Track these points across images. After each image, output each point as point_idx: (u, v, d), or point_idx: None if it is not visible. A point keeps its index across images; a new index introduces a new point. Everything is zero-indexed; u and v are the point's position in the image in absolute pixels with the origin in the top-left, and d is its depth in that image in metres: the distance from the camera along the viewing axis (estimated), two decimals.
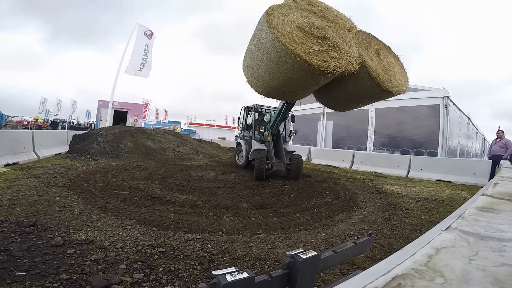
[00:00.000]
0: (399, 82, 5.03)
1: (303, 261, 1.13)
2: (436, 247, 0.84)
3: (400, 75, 5.16)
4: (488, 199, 1.72)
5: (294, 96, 5.09)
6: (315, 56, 3.94)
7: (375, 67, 4.71)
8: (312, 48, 4.01)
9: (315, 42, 4.16)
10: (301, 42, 3.97)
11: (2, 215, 3.13)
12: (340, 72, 4.04)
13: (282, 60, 3.96)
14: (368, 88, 4.79)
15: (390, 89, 4.75)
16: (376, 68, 4.71)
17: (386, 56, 5.20)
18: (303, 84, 4.38)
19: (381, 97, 5.10)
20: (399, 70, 5.24)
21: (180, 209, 3.99)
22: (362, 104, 5.41)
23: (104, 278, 2.08)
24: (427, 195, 6.20)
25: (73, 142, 9.91)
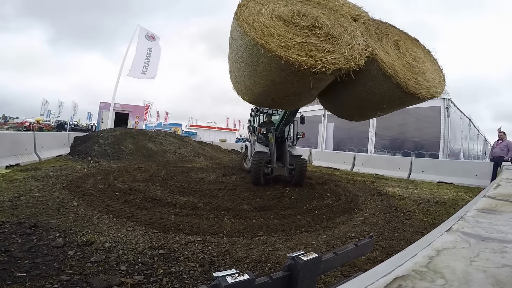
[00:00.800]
0: (430, 82, 3.84)
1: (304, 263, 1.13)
2: (437, 249, 0.84)
3: (432, 73, 3.98)
4: (489, 200, 1.72)
5: (289, 104, 4.30)
6: (296, 50, 3.07)
7: (391, 62, 3.60)
8: (292, 40, 3.15)
9: (298, 32, 3.29)
10: (277, 34, 3.16)
11: (3, 216, 3.13)
12: (335, 70, 3.10)
13: (256, 59, 3.23)
14: (385, 91, 3.65)
15: (417, 91, 3.56)
16: (394, 64, 3.60)
17: (410, 50, 4.05)
18: (292, 89, 3.53)
19: (405, 103, 3.93)
20: (430, 67, 4.05)
21: (181, 211, 3.99)
22: (382, 112, 4.22)
23: (104, 279, 2.07)
24: (428, 197, 6.18)
25: (74, 144, 9.94)
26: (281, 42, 3.06)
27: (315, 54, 3.10)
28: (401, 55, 3.86)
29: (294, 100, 3.97)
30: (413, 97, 3.60)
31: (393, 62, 3.63)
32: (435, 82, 3.89)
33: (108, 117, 16.89)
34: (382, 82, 3.58)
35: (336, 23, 3.62)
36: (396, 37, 4.07)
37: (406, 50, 3.98)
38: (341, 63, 3.13)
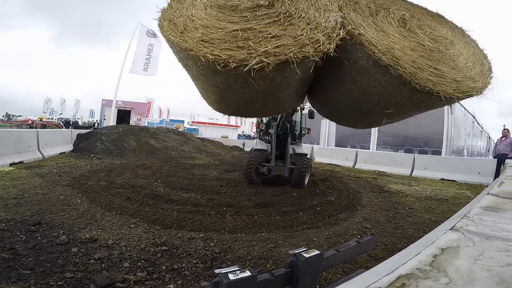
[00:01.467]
0: (463, 72, 2.56)
1: (306, 260, 1.13)
2: (441, 247, 0.83)
3: (467, 59, 2.70)
4: (493, 198, 1.71)
5: (258, 112, 3.64)
6: (223, 43, 2.22)
7: (388, 45, 2.44)
8: (221, 30, 2.32)
9: (235, 18, 2.44)
10: (204, 26, 2.37)
11: (7, 214, 3.16)
12: (281, 63, 2.09)
13: (185, 63, 2.58)
14: (386, 88, 2.50)
15: (436, 88, 2.30)
16: (393, 48, 2.43)
17: (426, 27, 2.82)
18: (248, 95, 2.65)
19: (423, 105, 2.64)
20: (464, 50, 2.78)
21: (183, 207, 4.00)
22: (390, 118, 2.92)
23: (108, 276, 2.09)
24: (431, 194, 6.16)
25: (77, 141, 9.99)
26: (204, 36, 2.27)
27: (250, 44, 2.18)
28: (409, 34, 2.68)
29: (262, 107, 3.12)
30: (432, 96, 2.30)
31: (391, 45, 2.46)
32: (472, 73, 2.58)
33: (110, 114, 16.95)
34: (377, 75, 2.44)
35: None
36: (404, 11, 2.89)
37: (419, 28, 2.76)
38: (290, 51, 2.11)
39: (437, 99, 2.34)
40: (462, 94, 2.39)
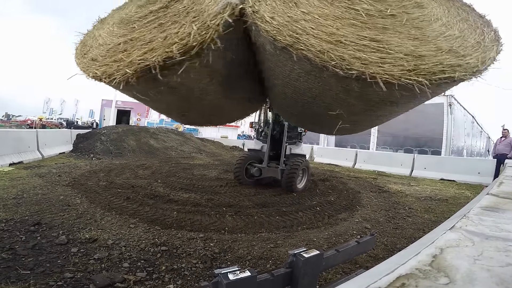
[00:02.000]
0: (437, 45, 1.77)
1: (306, 260, 1.13)
2: (441, 247, 0.83)
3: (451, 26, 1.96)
4: (493, 198, 1.71)
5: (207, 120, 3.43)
6: (105, 59, 2.07)
7: (289, 18, 1.80)
8: (107, 45, 2.19)
9: (125, 31, 2.25)
10: (99, 45, 2.27)
11: (7, 214, 3.16)
12: (143, 70, 1.79)
13: None
14: (307, 78, 1.88)
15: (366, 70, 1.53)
16: (296, 20, 1.79)
17: None
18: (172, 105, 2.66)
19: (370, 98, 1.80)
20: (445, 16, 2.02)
21: (183, 207, 4.00)
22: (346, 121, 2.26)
23: (107, 276, 2.09)
24: (430, 194, 6.16)
25: (77, 141, 9.98)
26: (96, 55, 2.15)
27: (121, 56, 1.99)
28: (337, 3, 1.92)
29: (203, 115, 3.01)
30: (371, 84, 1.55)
31: (297, 17, 1.80)
32: (456, 44, 1.80)
33: (110, 114, 16.94)
34: (287, 62, 1.84)
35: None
36: None
37: None
38: (153, 56, 1.79)
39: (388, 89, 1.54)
40: (428, 77, 1.53)
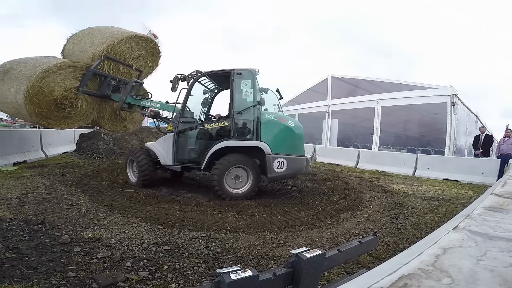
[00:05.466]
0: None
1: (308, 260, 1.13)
2: (444, 247, 0.83)
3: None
4: (496, 198, 1.69)
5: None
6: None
7: None
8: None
9: None
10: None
11: (11, 213, 3.18)
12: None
13: None
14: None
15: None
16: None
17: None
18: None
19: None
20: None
21: (185, 207, 4.01)
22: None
23: (110, 276, 2.10)
24: (433, 194, 6.12)
25: (80, 141, 10.03)
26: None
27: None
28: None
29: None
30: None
31: None
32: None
33: None
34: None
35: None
36: None
37: None
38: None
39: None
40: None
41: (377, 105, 14.33)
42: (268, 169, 4.65)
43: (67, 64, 5.30)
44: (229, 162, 4.64)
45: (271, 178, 4.82)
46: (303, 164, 5.05)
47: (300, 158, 5.00)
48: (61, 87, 5.21)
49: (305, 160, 5.10)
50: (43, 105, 5.02)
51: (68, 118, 5.58)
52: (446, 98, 11.64)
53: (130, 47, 6.24)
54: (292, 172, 4.91)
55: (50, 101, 5.14)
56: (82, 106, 5.65)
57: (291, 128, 4.93)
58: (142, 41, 6.52)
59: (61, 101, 5.28)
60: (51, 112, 5.25)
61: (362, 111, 15.44)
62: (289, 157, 4.79)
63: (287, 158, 4.76)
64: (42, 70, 4.92)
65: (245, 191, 4.74)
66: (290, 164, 4.78)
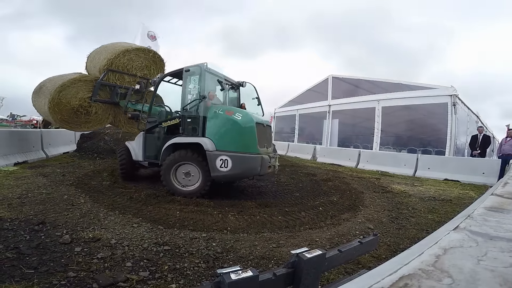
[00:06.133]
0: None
1: (308, 260, 1.12)
2: (444, 247, 0.82)
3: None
4: (497, 198, 1.69)
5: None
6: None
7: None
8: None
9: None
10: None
11: (12, 213, 3.19)
12: None
13: None
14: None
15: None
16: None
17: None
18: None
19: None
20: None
21: (186, 207, 4.01)
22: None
23: (110, 276, 2.10)
24: (434, 195, 6.12)
25: (80, 141, 10.04)
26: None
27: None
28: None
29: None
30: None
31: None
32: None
33: None
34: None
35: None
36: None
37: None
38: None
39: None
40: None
41: (377, 105, 14.31)
42: (210, 168, 4.33)
43: (78, 79, 6.46)
44: (174, 159, 4.59)
45: (216, 178, 4.42)
46: (256, 164, 4.40)
47: (252, 157, 4.40)
48: (76, 98, 6.42)
49: (259, 159, 4.42)
50: (64, 113, 6.31)
51: (87, 122, 6.86)
52: (447, 98, 11.62)
53: (129, 59, 7.07)
54: (240, 172, 4.43)
55: (69, 110, 6.38)
56: (97, 112, 6.87)
57: (237, 121, 4.40)
58: (140, 52, 7.33)
59: (78, 109, 6.51)
60: (72, 118, 6.54)
61: (362, 111, 15.41)
62: (234, 154, 4.30)
63: (232, 155, 4.28)
64: (58, 86, 6.11)
65: (194, 188, 4.59)
66: (236, 163, 4.28)
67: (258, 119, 4.73)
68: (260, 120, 4.80)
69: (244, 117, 4.47)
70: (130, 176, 5.67)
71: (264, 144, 4.73)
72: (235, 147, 4.37)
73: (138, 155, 5.37)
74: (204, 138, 4.47)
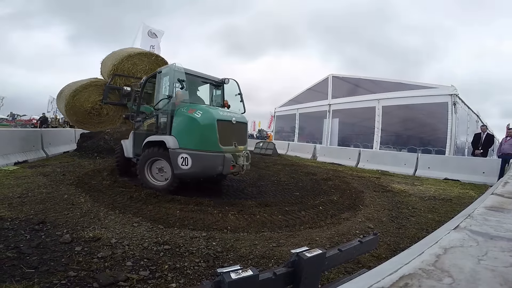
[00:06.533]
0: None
1: (308, 259, 1.13)
2: (444, 247, 0.82)
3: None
4: (497, 198, 1.69)
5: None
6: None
7: None
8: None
9: None
10: None
11: (12, 213, 3.19)
12: None
13: None
14: None
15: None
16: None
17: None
18: None
19: None
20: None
21: (186, 206, 4.01)
22: None
23: (110, 275, 2.10)
24: (434, 194, 6.12)
25: (80, 140, 10.04)
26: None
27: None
28: None
29: None
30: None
31: None
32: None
33: None
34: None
35: None
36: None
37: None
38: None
39: None
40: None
41: (378, 105, 14.30)
42: (173, 165, 4.40)
43: (90, 84, 7.19)
44: (146, 155, 4.84)
45: (178, 175, 4.47)
46: (217, 163, 4.36)
47: (211, 155, 4.35)
48: (89, 101, 7.12)
49: (220, 157, 4.36)
50: (79, 115, 7.10)
51: (100, 122, 7.58)
52: (447, 98, 11.61)
53: (133, 63, 7.67)
54: (200, 171, 4.39)
55: (83, 112, 7.11)
56: (108, 113, 7.54)
57: (196, 119, 4.38)
58: (143, 56, 7.95)
59: (90, 111, 7.20)
60: (86, 119, 7.27)
61: (363, 110, 15.40)
62: (193, 152, 4.30)
63: (192, 153, 4.28)
64: (72, 91, 6.88)
65: (163, 184, 4.74)
66: (196, 161, 4.27)
67: (223, 116, 4.63)
68: (226, 117, 4.66)
69: (203, 114, 4.44)
70: (125, 172, 6.06)
71: (232, 142, 4.65)
72: (194, 145, 4.38)
73: (129, 152, 5.73)
74: (168, 136, 4.58)
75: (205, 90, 5.76)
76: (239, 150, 4.75)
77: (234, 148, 4.67)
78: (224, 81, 5.60)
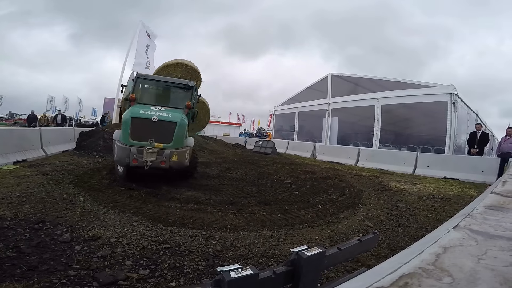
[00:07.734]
0: None
1: (307, 258, 1.12)
2: (444, 246, 0.82)
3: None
4: (497, 197, 1.69)
5: None
6: None
7: None
8: None
9: None
10: None
11: (11, 212, 3.19)
12: None
13: None
14: None
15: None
16: None
17: None
18: None
19: None
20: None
21: (185, 205, 4.02)
22: None
23: (110, 274, 2.10)
24: (433, 193, 6.13)
25: (80, 139, 10.03)
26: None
27: None
28: None
29: None
30: None
31: None
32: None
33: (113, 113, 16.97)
34: None
35: None
36: None
37: None
38: None
39: None
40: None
41: (377, 104, 14.31)
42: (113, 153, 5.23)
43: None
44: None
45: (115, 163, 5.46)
46: (123, 154, 4.75)
47: (121, 147, 4.79)
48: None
49: (126, 150, 4.72)
50: None
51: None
52: (447, 97, 11.62)
53: (168, 73, 8.64)
54: (117, 160, 5.02)
55: None
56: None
57: (123, 116, 5.17)
58: (175, 66, 9.06)
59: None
60: None
61: (362, 109, 15.42)
62: (115, 143, 5.05)
63: (114, 144, 5.11)
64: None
65: (121, 172, 5.35)
66: (115, 150, 5.01)
67: (142, 114, 5.01)
68: (145, 115, 5.00)
69: (126, 112, 5.11)
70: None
71: (147, 139, 4.87)
72: (120, 137, 5.02)
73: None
74: (118, 129, 5.33)
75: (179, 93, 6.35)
76: (156, 147, 4.90)
77: (148, 144, 4.84)
78: (189, 84, 6.23)
